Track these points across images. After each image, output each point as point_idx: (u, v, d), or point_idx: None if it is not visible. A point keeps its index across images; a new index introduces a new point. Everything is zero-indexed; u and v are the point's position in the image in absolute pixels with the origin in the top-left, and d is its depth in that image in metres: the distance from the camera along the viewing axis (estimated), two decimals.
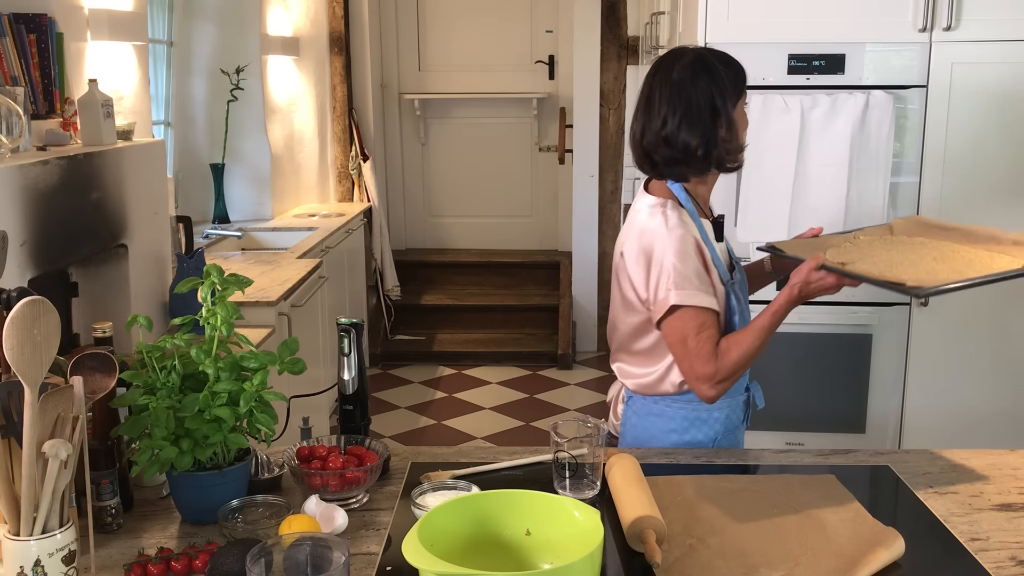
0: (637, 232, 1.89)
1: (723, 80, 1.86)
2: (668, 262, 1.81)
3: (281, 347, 1.56)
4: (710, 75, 1.85)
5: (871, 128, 2.89)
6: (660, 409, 1.95)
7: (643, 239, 1.87)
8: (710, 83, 1.85)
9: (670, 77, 1.86)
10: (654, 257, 1.84)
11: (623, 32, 5.69)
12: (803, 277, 1.80)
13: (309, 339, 3.70)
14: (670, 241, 1.82)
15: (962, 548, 1.44)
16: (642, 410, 1.97)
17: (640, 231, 1.88)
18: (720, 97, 1.85)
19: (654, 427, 1.96)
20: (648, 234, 1.86)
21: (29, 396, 1.21)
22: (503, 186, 6.47)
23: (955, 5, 2.85)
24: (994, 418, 3.08)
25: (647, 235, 1.86)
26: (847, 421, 3.08)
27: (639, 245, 1.87)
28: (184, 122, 4.44)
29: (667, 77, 1.87)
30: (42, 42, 2.63)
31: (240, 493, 1.53)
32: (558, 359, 5.67)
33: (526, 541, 1.32)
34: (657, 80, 1.89)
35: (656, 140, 1.87)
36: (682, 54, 1.89)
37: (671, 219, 1.85)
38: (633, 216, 1.95)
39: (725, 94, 1.86)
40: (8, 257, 2.00)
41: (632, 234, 1.91)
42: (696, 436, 1.94)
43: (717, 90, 1.85)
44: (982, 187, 2.98)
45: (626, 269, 1.91)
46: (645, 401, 1.97)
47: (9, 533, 1.23)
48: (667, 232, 1.84)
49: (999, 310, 3.04)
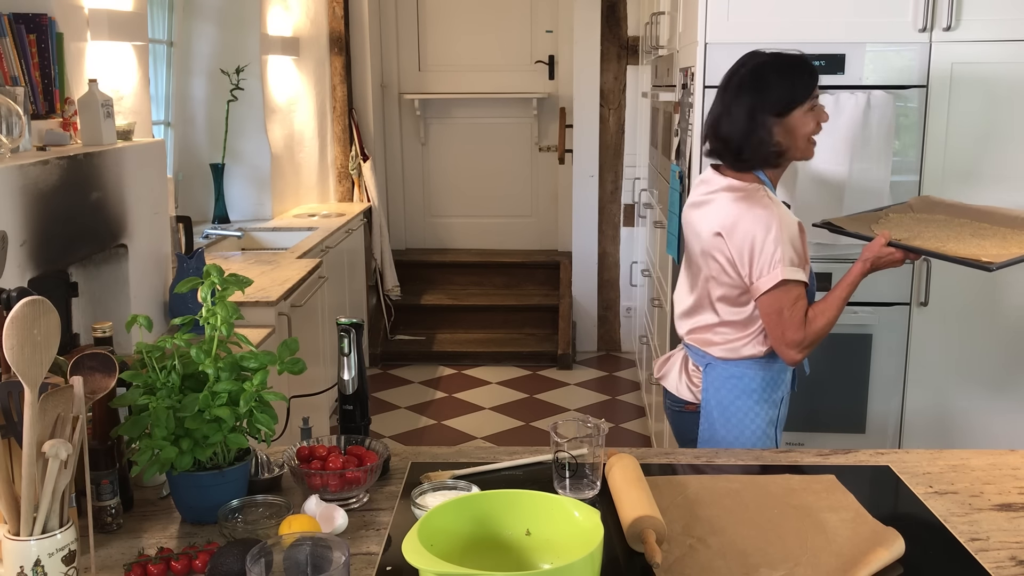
0: (737, 214, 2.06)
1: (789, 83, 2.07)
2: (776, 242, 2.01)
3: (281, 347, 1.56)
4: (776, 76, 2.07)
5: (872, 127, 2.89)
6: (741, 371, 2.16)
7: (749, 221, 2.04)
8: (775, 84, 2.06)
9: (739, 73, 2.10)
10: (764, 238, 2.02)
11: (623, 32, 5.69)
12: (875, 252, 2.09)
13: (309, 339, 3.70)
14: (778, 223, 2.02)
15: (962, 548, 1.44)
16: (723, 374, 2.17)
17: (742, 214, 2.05)
18: (780, 99, 2.06)
19: (736, 388, 2.17)
20: (754, 216, 2.03)
21: (29, 396, 1.21)
22: (503, 186, 6.48)
23: (955, 5, 2.85)
24: (994, 418, 3.08)
25: (753, 217, 2.04)
26: (847, 421, 3.08)
27: (745, 227, 2.04)
28: (184, 122, 4.44)
29: (736, 72, 2.11)
30: (42, 42, 2.63)
31: (240, 493, 1.53)
32: (558, 359, 5.67)
33: (526, 541, 1.32)
34: (728, 75, 2.13)
35: (707, 129, 2.14)
36: (756, 55, 2.12)
37: (773, 203, 2.06)
38: (718, 198, 2.12)
39: (785, 98, 2.06)
40: (8, 257, 2.00)
41: (731, 215, 2.07)
42: (772, 395, 2.18)
43: (777, 93, 2.06)
44: (982, 187, 2.98)
45: (725, 249, 2.07)
46: (727, 366, 2.17)
47: (9, 533, 1.23)
48: (774, 215, 2.03)
49: (999, 310, 3.04)
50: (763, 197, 2.07)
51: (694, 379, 2.25)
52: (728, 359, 2.17)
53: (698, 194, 2.22)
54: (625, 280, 5.92)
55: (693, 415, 2.26)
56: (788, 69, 2.10)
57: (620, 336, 6.04)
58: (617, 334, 6.04)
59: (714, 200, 2.14)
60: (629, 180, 5.82)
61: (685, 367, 2.28)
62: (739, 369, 2.17)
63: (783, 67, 2.10)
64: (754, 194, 2.08)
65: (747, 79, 2.09)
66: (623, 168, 5.84)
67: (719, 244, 2.09)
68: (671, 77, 3.78)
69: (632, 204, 5.78)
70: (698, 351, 2.23)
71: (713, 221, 2.11)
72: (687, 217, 2.25)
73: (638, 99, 5.72)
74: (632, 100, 5.77)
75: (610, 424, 4.72)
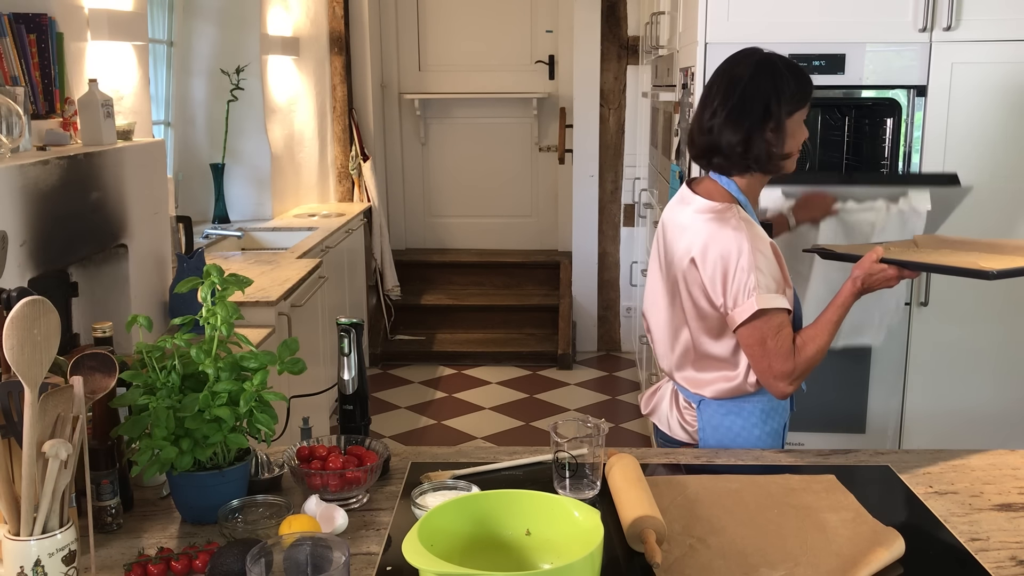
0: (708, 238, 1.88)
1: (784, 84, 1.89)
2: (749, 268, 1.83)
3: (281, 347, 1.56)
4: (771, 77, 1.89)
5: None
6: (738, 407, 1.97)
7: (719, 246, 1.86)
8: (769, 84, 1.88)
9: (732, 72, 1.92)
10: (734, 264, 1.84)
11: (623, 32, 5.69)
12: (865, 270, 1.88)
13: (309, 339, 3.70)
14: (749, 247, 1.83)
15: (962, 548, 1.44)
16: (720, 411, 1.98)
17: (713, 237, 1.87)
18: (775, 100, 1.88)
19: (735, 425, 1.98)
20: (724, 240, 1.85)
21: (29, 396, 1.21)
22: (503, 186, 6.48)
23: (955, 5, 2.85)
24: (994, 418, 3.08)
25: (723, 241, 1.85)
26: (847, 421, 3.08)
27: (716, 252, 1.86)
28: (184, 122, 4.44)
29: (729, 71, 1.93)
30: (42, 42, 2.63)
31: (240, 493, 1.53)
32: (558, 359, 5.67)
33: (526, 541, 1.32)
34: (718, 73, 1.95)
35: (701, 130, 1.94)
36: (752, 52, 1.94)
37: (745, 225, 1.87)
38: (693, 220, 1.93)
39: (782, 99, 1.89)
40: (8, 257, 2.00)
41: (702, 238, 1.89)
42: (773, 425, 2.00)
43: (774, 92, 1.88)
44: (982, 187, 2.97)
45: (698, 278, 1.90)
46: (722, 403, 1.98)
47: (9, 533, 1.23)
48: (745, 238, 1.84)
49: (999, 310, 3.04)
50: (732, 218, 1.87)
51: (687, 416, 2.04)
52: (725, 398, 1.98)
53: (675, 212, 2.02)
54: (625, 280, 5.92)
55: None
56: (796, 68, 1.93)
57: (620, 336, 6.04)
58: (617, 334, 6.04)
59: (688, 222, 1.95)
60: (629, 180, 5.82)
61: (676, 402, 2.07)
62: (736, 405, 1.97)
63: (791, 64, 1.93)
64: (724, 214, 1.88)
65: (759, 71, 1.90)
66: (623, 168, 5.84)
67: (693, 272, 1.91)
68: (671, 77, 3.78)
69: (632, 204, 5.78)
70: (687, 391, 2.04)
71: (688, 244, 1.92)
72: (666, 233, 2.03)
73: (638, 99, 5.72)
74: (632, 100, 5.77)
75: (610, 424, 4.72)
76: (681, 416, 2.06)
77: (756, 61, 1.92)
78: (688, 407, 2.04)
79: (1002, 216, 2.98)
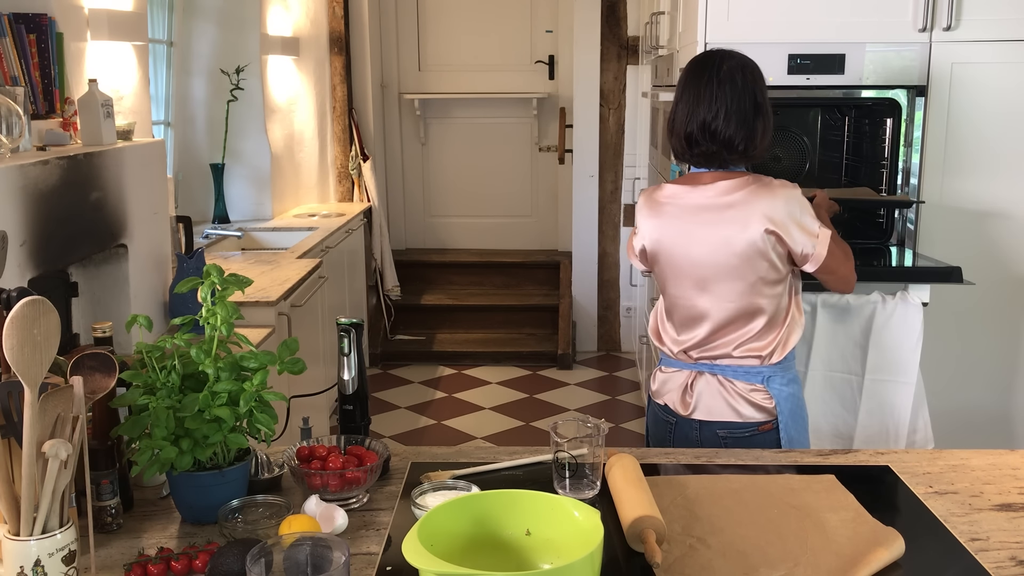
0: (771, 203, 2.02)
1: (763, 80, 2.08)
2: (807, 209, 2.04)
3: (281, 347, 1.56)
4: (755, 75, 2.07)
5: None
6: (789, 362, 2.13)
7: (784, 206, 2.02)
8: (755, 82, 2.06)
9: (718, 74, 2.04)
10: (798, 214, 2.03)
11: (623, 32, 5.69)
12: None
13: (309, 339, 3.70)
14: (796, 194, 2.05)
15: (962, 548, 1.44)
16: (787, 376, 2.12)
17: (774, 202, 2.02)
18: (763, 95, 2.06)
19: (796, 391, 2.14)
20: (782, 201, 2.03)
21: (29, 396, 1.21)
22: (503, 186, 6.48)
23: (955, 5, 2.85)
24: (994, 418, 3.08)
25: (783, 202, 2.03)
26: None
27: (784, 213, 2.02)
28: (184, 122, 4.44)
29: (715, 74, 2.05)
30: (42, 42, 2.63)
31: (240, 493, 1.53)
32: (558, 359, 5.67)
33: (526, 541, 1.32)
34: (706, 76, 2.06)
35: (703, 131, 2.05)
36: (729, 54, 2.08)
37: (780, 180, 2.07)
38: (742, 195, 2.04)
39: (765, 93, 2.07)
40: (8, 257, 2.00)
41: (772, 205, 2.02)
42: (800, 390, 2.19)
43: (760, 89, 2.06)
44: (983, 187, 2.98)
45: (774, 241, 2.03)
46: (783, 365, 2.11)
47: (9, 533, 1.23)
48: (789, 190, 2.04)
49: (999, 311, 3.04)
50: (773, 178, 2.07)
51: (753, 398, 2.09)
52: (781, 360, 2.09)
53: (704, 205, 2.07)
54: (625, 280, 5.92)
55: (767, 434, 2.11)
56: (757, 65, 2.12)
57: (620, 336, 6.04)
58: (617, 334, 6.04)
59: (735, 203, 2.03)
60: (629, 180, 5.82)
61: (728, 388, 2.10)
62: (787, 361, 2.12)
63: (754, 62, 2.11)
64: (769, 179, 2.06)
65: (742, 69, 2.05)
66: (623, 168, 5.84)
67: (770, 241, 2.01)
68: (671, 77, 3.78)
69: (632, 204, 5.78)
70: (748, 368, 2.09)
71: (754, 221, 2.01)
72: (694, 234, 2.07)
73: (638, 99, 5.72)
74: (632, 100, 5.77)
75: (610, 424, 4.72)
76: (747, 399, 2.10)
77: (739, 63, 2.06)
78: (752, 388, 2.10)
79: (1002, 217, 2.98)
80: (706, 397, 2.12)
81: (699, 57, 2.11)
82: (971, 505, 1.58)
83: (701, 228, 2.07)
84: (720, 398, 2.11)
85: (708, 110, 2.03)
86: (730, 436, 2.11)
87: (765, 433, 2.10)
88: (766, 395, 2.10)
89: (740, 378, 2.10)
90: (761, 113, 2.05)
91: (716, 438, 2.12)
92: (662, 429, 2.21)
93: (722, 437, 2.12)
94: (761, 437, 2.10)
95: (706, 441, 2.12)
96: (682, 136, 2.08)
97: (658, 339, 2.23)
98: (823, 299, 2.63)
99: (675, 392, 2.18)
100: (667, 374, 2.21)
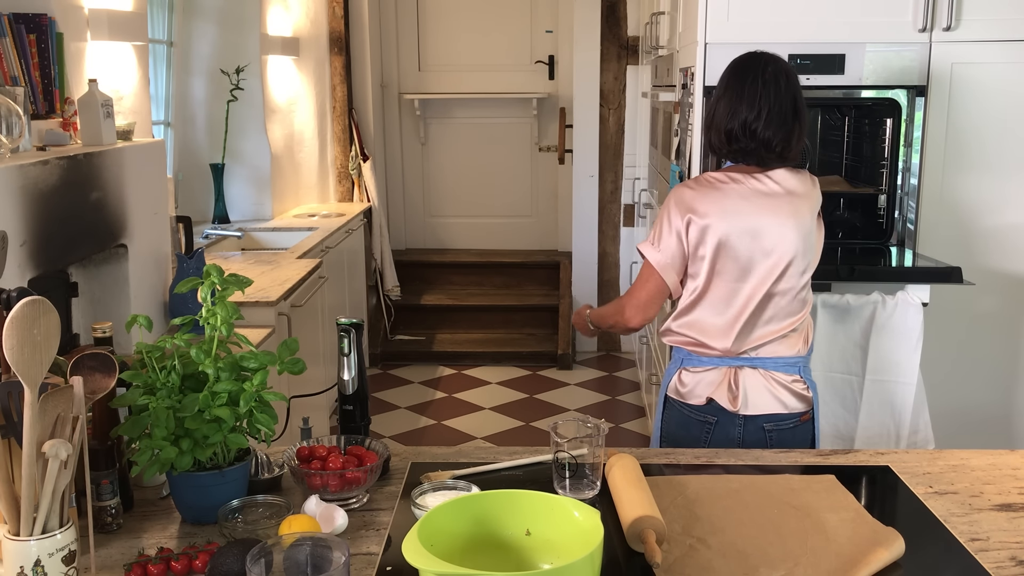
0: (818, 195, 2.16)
1: (800, 86, 2.13)
2: None
3: (281, 347, 1.56)
4: (796, 80, 2.12)
5: None
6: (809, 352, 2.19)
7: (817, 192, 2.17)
8: (796, 87, 2.11)
9: (763, 76, 2.09)
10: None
11: (623, 32, 5.69)
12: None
13: (309, 339, 3.70)
14: None
15: (962, 548, 1.44)
16: (810, 369, 2.17)
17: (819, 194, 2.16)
18: (801, 100, 2.11)
19: None
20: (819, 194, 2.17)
21: (29, 396, 1.21)
22: (503, 186, 6.48)
23: (955, 5, 2.85)
24: (994, 418, 3.08)
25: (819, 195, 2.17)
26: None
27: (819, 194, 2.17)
28: (184, 122, 4.44)
29: (760, 75, 2.09)
30: (42, 42, 2.63)
31: (240, 493, 1.53)
32: (558, 359, 5.67)
33: (526, 541, 1.32)
34: (750, 77, 2.10)
35: (743, 129, 2.08)
36: (773, 58, 2.12)
37: None
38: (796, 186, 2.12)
39: (803, 98, 2.11)
40: (8, 257, 2.00)
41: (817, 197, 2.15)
42: None
43: (799, 94, 2.11)
44: (983, 188, 2.98)
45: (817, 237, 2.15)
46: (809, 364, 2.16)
47: (9, 533, 1.23)
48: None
49: (1000, 311, 3.04)
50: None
51: (795, 388, 2.11)
52: (808, 350, 2.16)
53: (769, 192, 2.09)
54: (625, 280, 5.92)
55: (805, 424, 2.12)
56: None
57: (620, 336, 6.04)
58: (617, 334, 6.04)
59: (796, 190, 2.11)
60: (629, 180, 5.82)
61: (773, 380, 2.11)
62: (810, 351, 2.19)
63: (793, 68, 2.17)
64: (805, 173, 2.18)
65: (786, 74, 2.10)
66: (623, 168, 5.84)
67: (818, 225, 2.15)
68: (671, 77, 3.78)
69: (632, 204, 5.78)
70: (787, 359, 2.11)
71: (810, 209, 2.12)
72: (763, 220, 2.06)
73: (638, 99, 5.73)
74: (632, 100, 5.77)
75: (610, 424, 4.72)
76: (788, 389, 2.12)
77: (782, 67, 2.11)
78: (795, 379, 2.12)
79: (1002, 217, 2.98)
80: (752, 391, 2.10)
81: (744, 57, 2.14)
82: (971, 505, 1.58)
83: (769, 215, 2.06)
84: (765, 391, 2.10)
85: (750, 110, 2.07)
86: (775, 429, 2.11)
87: (804, 424, 2.13)
88: (804, 385, 2.13)
89: (780, 369, 2.11)
90: (799, 117, 2.09)
91: (760, 432, 2.10)
92: (696, 430, 2.14)
93: (768, 431, 2.10)
94: (802, 428, 2.13)
95: (748, 437, 2.10)
96: (722, 132, 2.12)
97: (689, 341, 2.14)
98: (823, 299, 2.64)
99: (718, 389, 2.12)
100: (696, 374, 2.14)
